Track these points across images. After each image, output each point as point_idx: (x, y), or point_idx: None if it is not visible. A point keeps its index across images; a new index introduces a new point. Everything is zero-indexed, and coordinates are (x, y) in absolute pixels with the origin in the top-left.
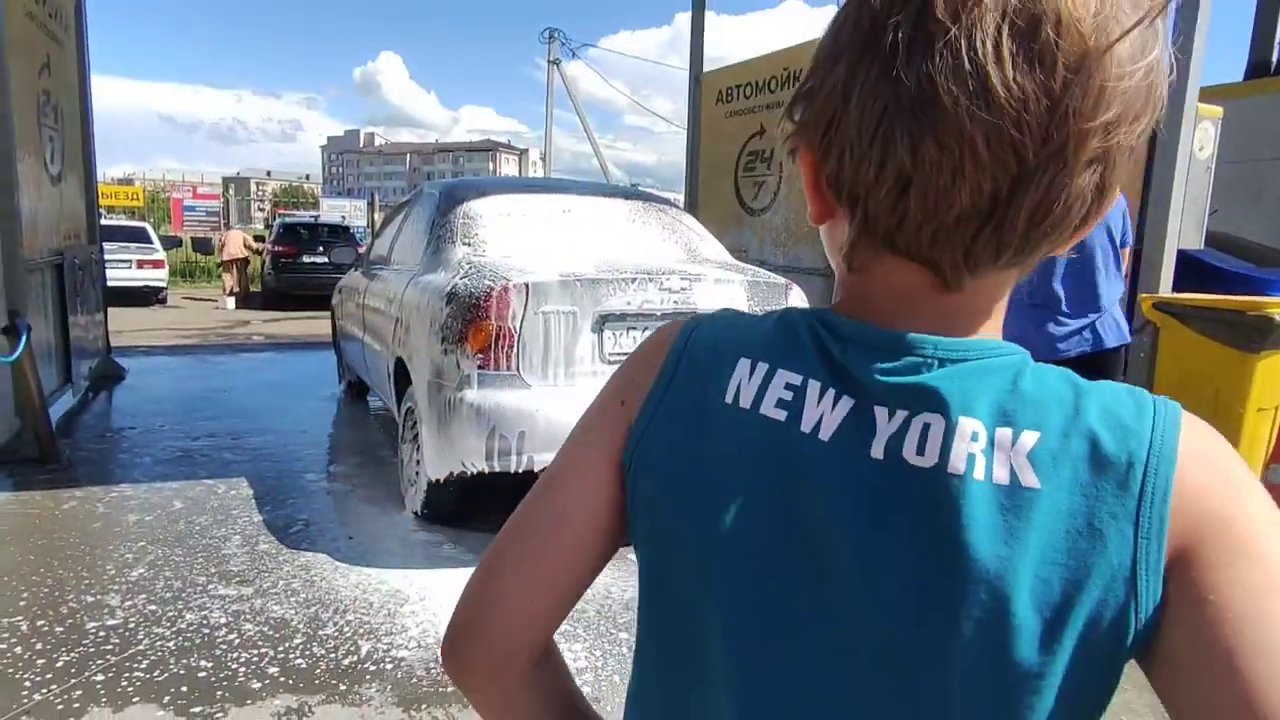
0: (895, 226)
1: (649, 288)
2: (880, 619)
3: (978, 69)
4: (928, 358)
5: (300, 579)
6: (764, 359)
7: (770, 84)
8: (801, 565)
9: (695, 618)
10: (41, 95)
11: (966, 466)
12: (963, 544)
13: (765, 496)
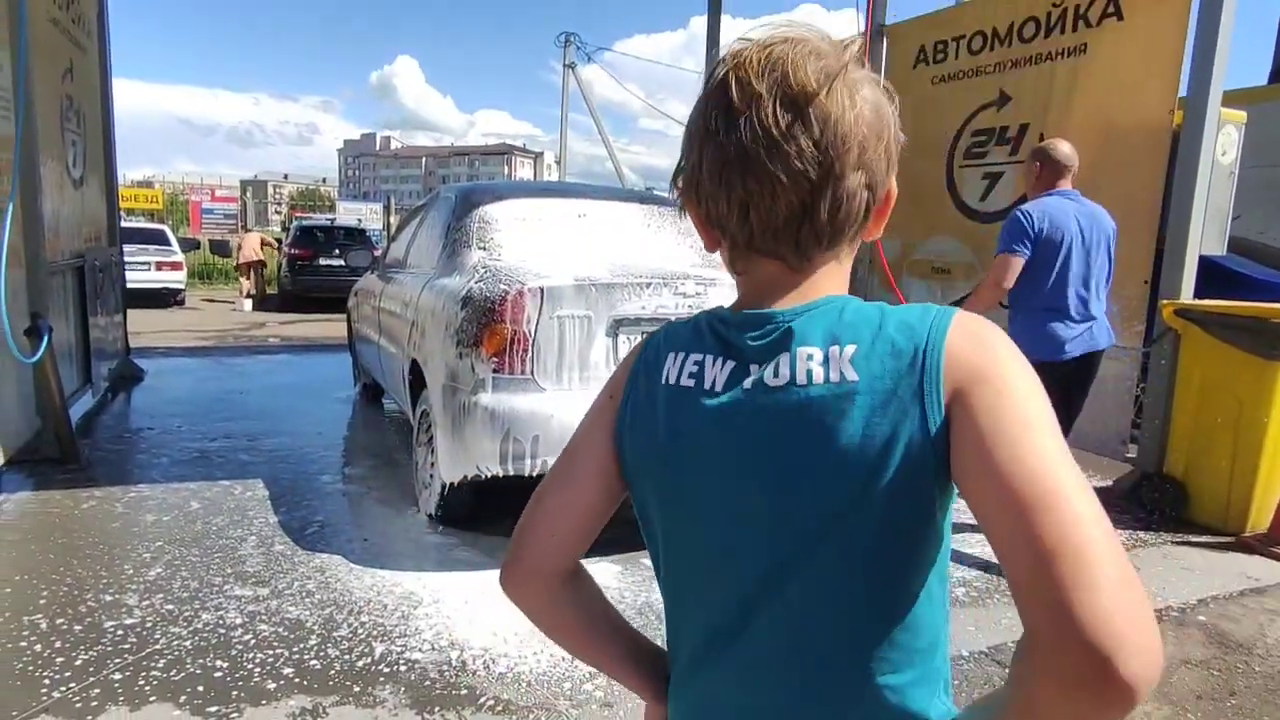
0: (748, 237)
1: (663, 292)
2: (757, 485)
3: (766, 131)
4: (780, 323)
5: (315, 580)
6: (682, 349)
7: None
8: (710, 473)
9: (663, 529)
10: (65, 100)
11: (807, 377)
12: (807, 422)
13: (687, 435)
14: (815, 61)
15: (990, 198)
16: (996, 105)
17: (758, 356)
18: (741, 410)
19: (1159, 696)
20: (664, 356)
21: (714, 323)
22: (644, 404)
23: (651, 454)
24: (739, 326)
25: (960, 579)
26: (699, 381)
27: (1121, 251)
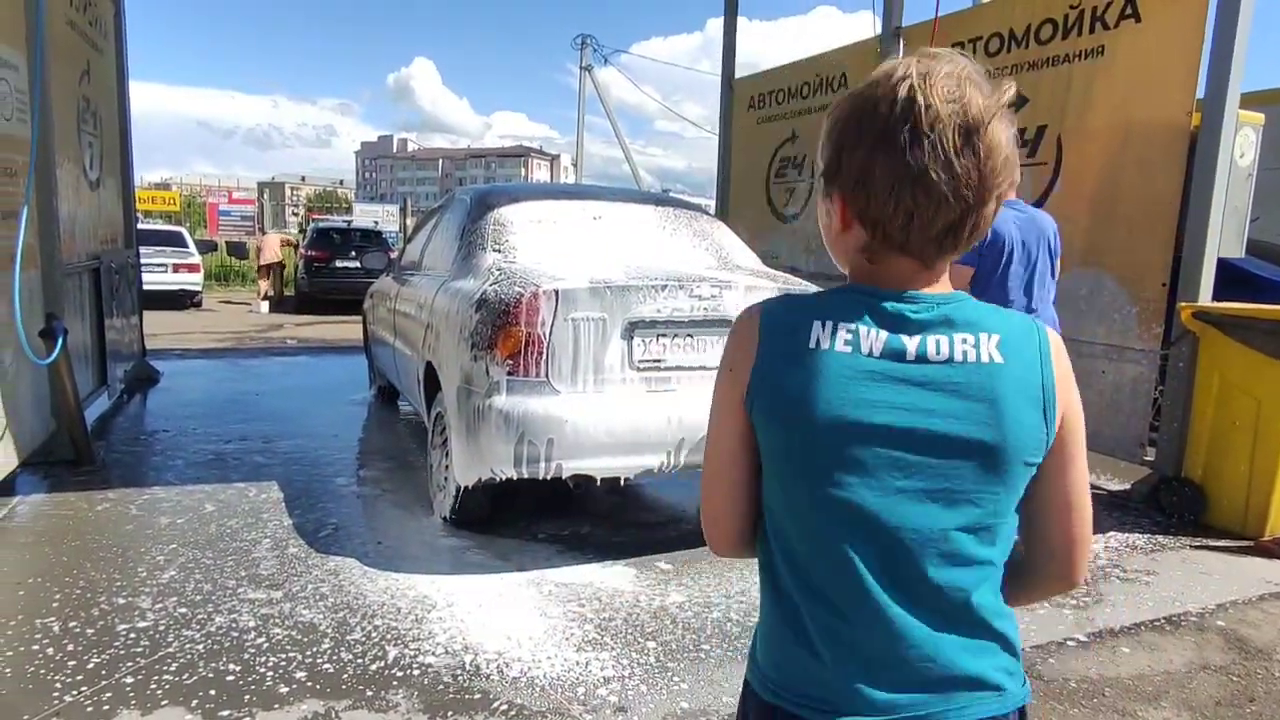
0: (905, 240)
1: (679, 295)
2: (915, 440)
3: (945, 155)
4: (927, 304)
5: (329, 583)
6: (829, 319)
7: (803, 90)
8: (874, 425)
9: (811, 473)
10: (81, 101)
11: (963, 356)
12: (963, 393)
13: (848, 392)
14: (984, 96)
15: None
16: (1014, 108)
17: (918, 331)
18: (907, 376)
19: (1179, 703)
20: (803, 324)
21: (860, 295)
22: (783, 368)
23: (805, 406)
24: (892, 301)
25: None
26: (855, 348)
27: (1139, 254)
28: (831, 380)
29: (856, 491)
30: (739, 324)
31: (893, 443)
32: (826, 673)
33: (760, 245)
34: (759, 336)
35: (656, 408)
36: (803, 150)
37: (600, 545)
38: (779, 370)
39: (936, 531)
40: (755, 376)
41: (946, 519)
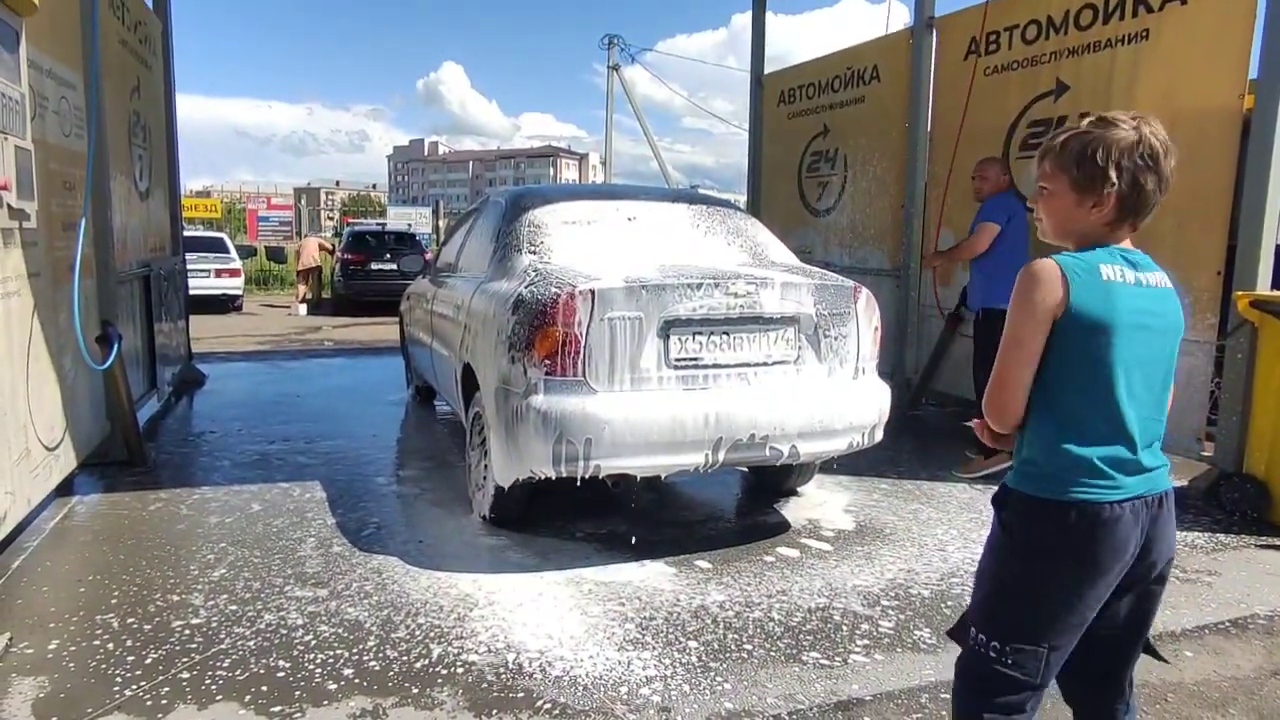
0: (1137, 221)
1: (715, 293)
2: (1161, 341)
3: (1167, 178)
4: (1144, 257)
5: (373, 581)
6: (1108, 262)
7: (834, 84)
8: (1140, 327)
9: (1107, 371)
10: (133, 116)
11: (1161, 281)
12: (1170, 304)
13: (1132, 308)
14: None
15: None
16: (1054, 95)
17: (1145, 269)
18: (1150, 295)
19: (1248, 710)
20: (1095, 268)
21: (1120, 254)
22: (1098, 293)
23: (1108, 314)
24: (1132, 254)
25: None
26: (1124, 279)
27: (1191, 241)
28: (1124, 298)
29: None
30: (1041, 275)
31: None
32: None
33: (793, 240)
34: (1067, 277)
35: (694, 406)
36: (835, 144)
37: (638, 544)
38: (1089, 296)
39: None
40: (1070, 303)
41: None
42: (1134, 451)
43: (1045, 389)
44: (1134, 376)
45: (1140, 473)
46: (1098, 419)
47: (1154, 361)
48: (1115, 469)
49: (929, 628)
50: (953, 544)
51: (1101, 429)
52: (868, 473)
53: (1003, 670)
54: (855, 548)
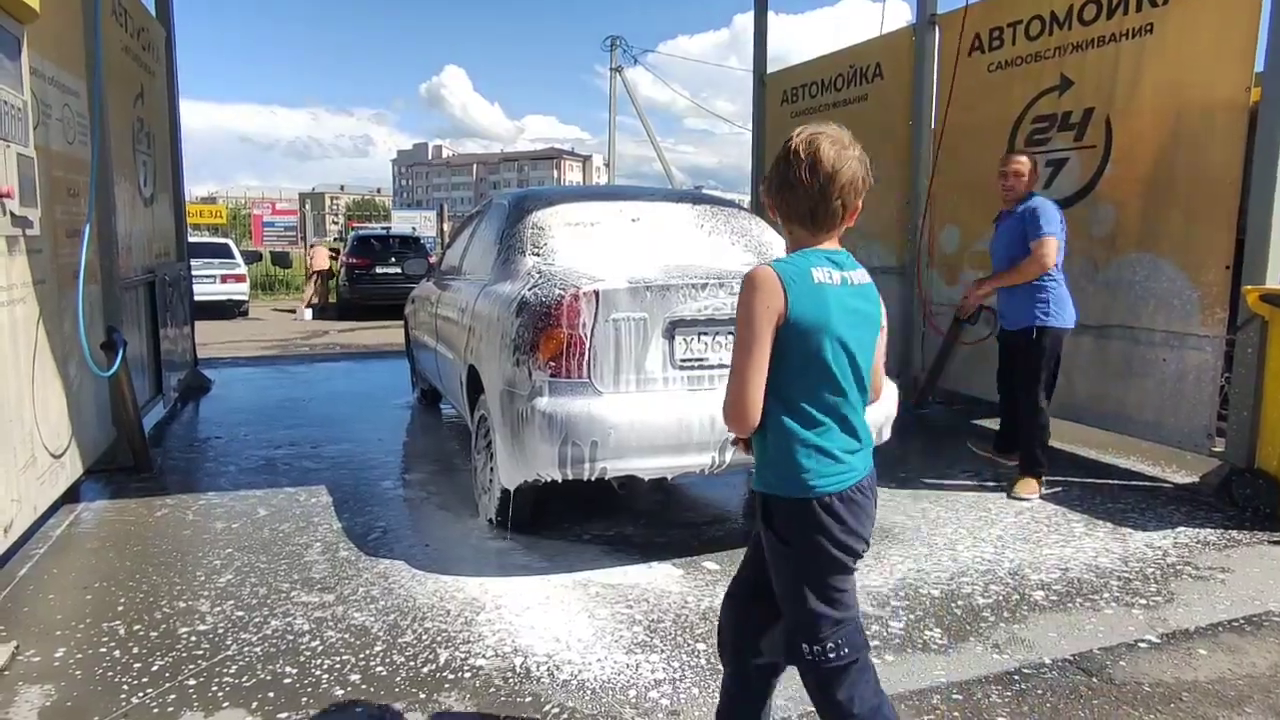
0: (831, 228)
1: (719, 293)
2: (867, 333)
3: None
4: (844, 255)
5: (379, 586)
6: (819, 265)
7: (837, 82)
8: (849, 324)
9: (824, 366)
10: (136, 123)
11: (864, 278)
12: (871, 299)
13: (841, 307)
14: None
15: (1055, 185)
16: (1058, 90)
17: (849, 268)
18: (855, 292)
19: (1265, 709)
20: (807, 271)
21: (825, 256)
22: (808, 294)
23: (822, 315)
24: (836, 255)
25: (1037, 582)
26: (832, 280)
27: (1198, 237)
28: (831, 299)
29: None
30: (760, 282)
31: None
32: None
33: None
34: (784, 283)
35: (700, 407)
36: None
37: (645, 546)
38: (803, 303)
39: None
40: (789, 309)
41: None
42: (860, 436)
43: (776, 390)
44: (847, 370)
45: (860, 452)
46: (827, 412)
47: (863, 352)
48: (848, 455)
49: (939, 628)
50: (962, 543)
51: (831, 421)
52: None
53: (841, 662)
54: None
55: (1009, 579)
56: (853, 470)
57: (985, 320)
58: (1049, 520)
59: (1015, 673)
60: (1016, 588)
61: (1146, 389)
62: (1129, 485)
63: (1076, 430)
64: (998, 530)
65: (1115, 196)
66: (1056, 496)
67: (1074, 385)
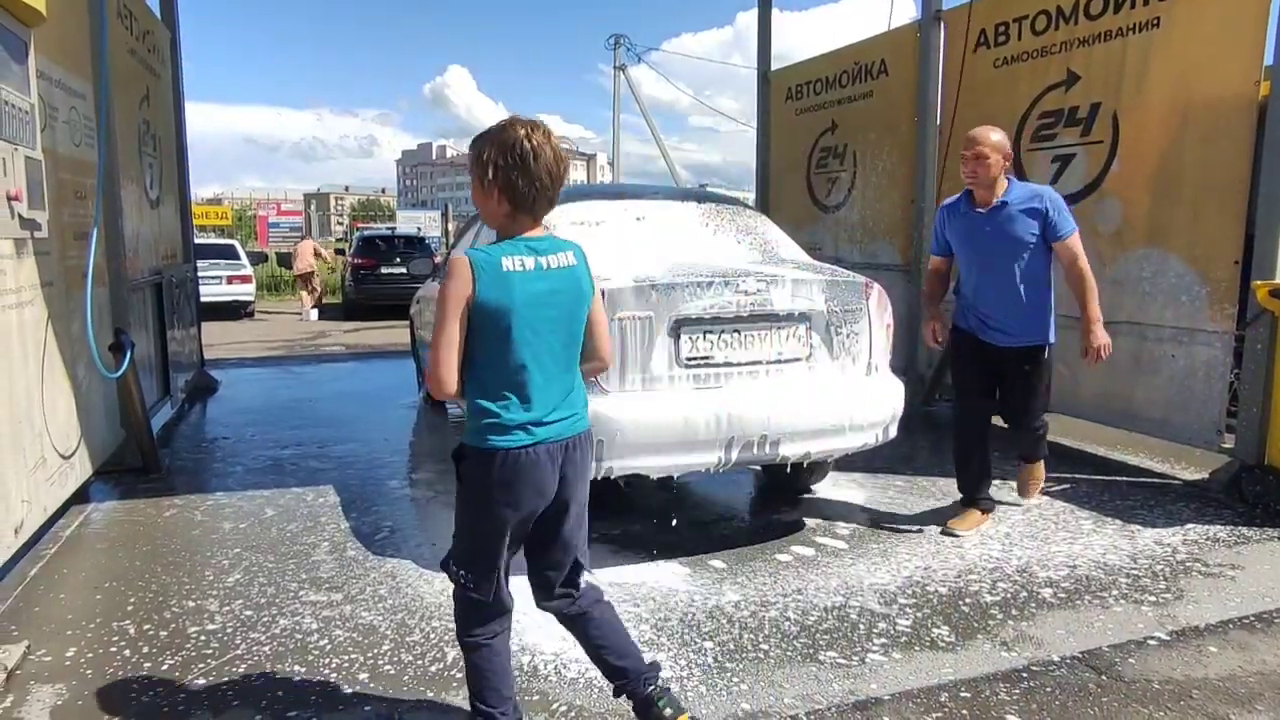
0: (535, 212)
1: (725, 291)
2: (561, 309)
3: (539, 180)
4: (546, 241)
5: (387, 585)
6: (511, 254)
7: (841, 79)
8: (544, 306)
9: (511, 345)
10: (142, 125)
11: (566, 262)
12: (576, 282)
13: (528, 292)
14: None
15: (1062, 181)
16: (1065, 85)
17: (547, 253)
18: (550, 276)
19: (1277, 705)
20: (497, 260)
21: (520, 243)
22: (495, 282)
23: (506, 300)
24: (535, 243)
25: (1045, 579)
26: (523, 268)
27: (1207, 232)
28: (519, 285)
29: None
30: (456, 269)
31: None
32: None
33: (802, 237)
34: (474, 271)
35: (706, 405)
36: (843, 140)
37: (652, 544)
38: (489, 288)
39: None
40: (476, 293)
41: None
42: (543, 408)
43: (471, 363)
44: (538, 347)
45: (550, 423)
46: (511, 385)
47: (556, 332)
48: (529, 423)
49: (947, 625)
50: (969, 540)
51: (515, 392)
52: (883, 470)
53: (472, 595)
54: (871, 545)
55: (1017, 576)
56: (531, 436)
57: None
58: (1057, 518)
59: (1024, 670)
60: (1025, 585)
61: (1155, 385)
62: (1137, 482)
63: (1084, 427)
64: (1005, 528)
65: (1122, 192)
66: (1065, 494)
67: (1081, 382)
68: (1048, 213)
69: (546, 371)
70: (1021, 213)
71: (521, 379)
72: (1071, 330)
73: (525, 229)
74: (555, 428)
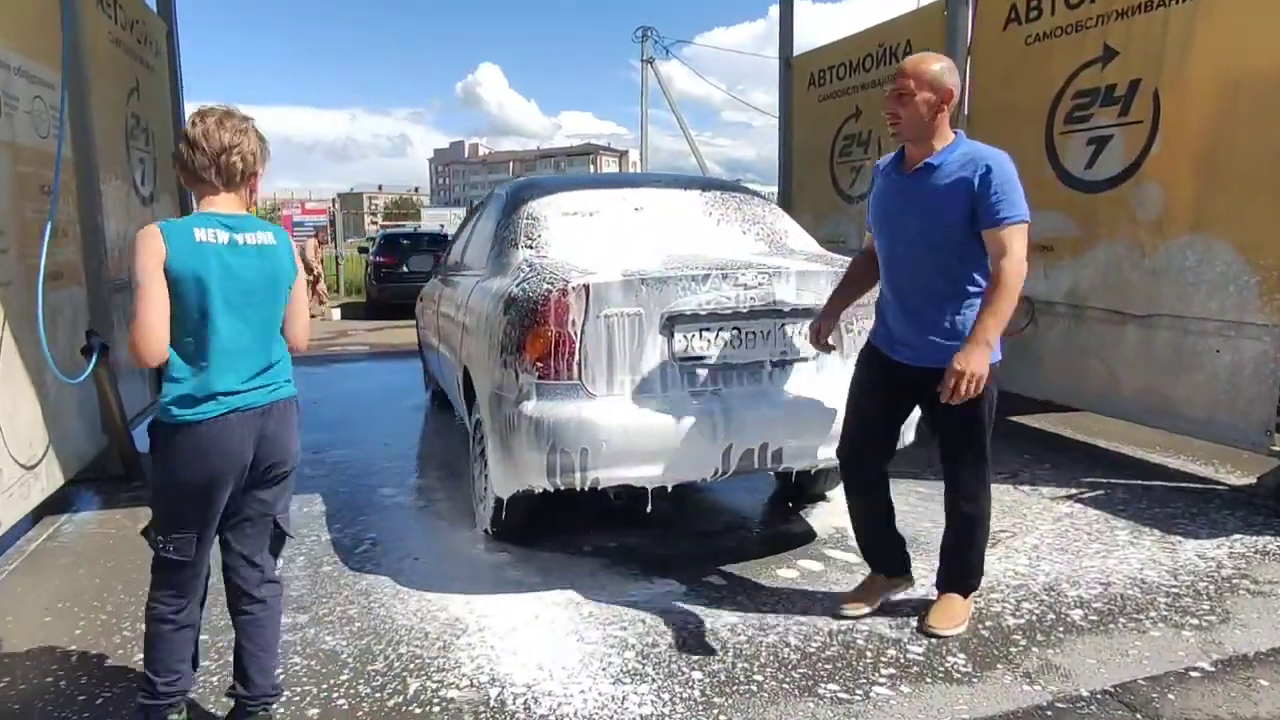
0: (226, 189)
1: (723, 285)
2: (259, 289)
3: (217, 157)
4: (243, 219)
5: (358, 605)
6: (203, 225)
7: (865, 63)
8: (240, 279)
9: (203, 313)
10: (131, 119)
11: (263, 240)
12: (274, 257)
13: (221, 264)
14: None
15: (1097, 164)
16: (1101, 62)
17: (244, 230)
18: (245, 252)
19: None
20: (190, 230)
21: (218, 219)
22: (186, 251)
23: (198, 269)
24: (227, 218)
25: (1075, 599)
26: (217, 240)
27: (1258, 217)
28: (212, 256)
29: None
30: (146, 239)
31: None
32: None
33: (825, 228)
34: (165, 237)
35: (702, 410)
36: (868, 126)
37: (649, 559)
38: (179, 256)
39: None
40: (169, 261)
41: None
42: (235, 379)
43: (171, 332)
44: (233, 319)
45: (242, 392)
46: (202, 354)
47: (253, 305)
48: (220, 393)
49: (964, 653)
50: (992, 554)
51: (205, 362)
52: (902, 475)
53: (168, 556)
54: None
55: (1044, 595)
56: (221, 406)
57: (1024, 311)
58: (1089, 527)
59: (1048, 707)
60: (1052, 606)
61: (1198, 382)
62: (1178, 487)
63: (1121, 427)
64: (1033, 539)
65: (1164, 175)
66: (1099, 500)
67: (1118, 379)
68: (976, 186)
69: (240, 343)
70: (949, 184)
71: (213, 349)
72: (1107, 324)
73: (219, 206)
74: (249, 396)
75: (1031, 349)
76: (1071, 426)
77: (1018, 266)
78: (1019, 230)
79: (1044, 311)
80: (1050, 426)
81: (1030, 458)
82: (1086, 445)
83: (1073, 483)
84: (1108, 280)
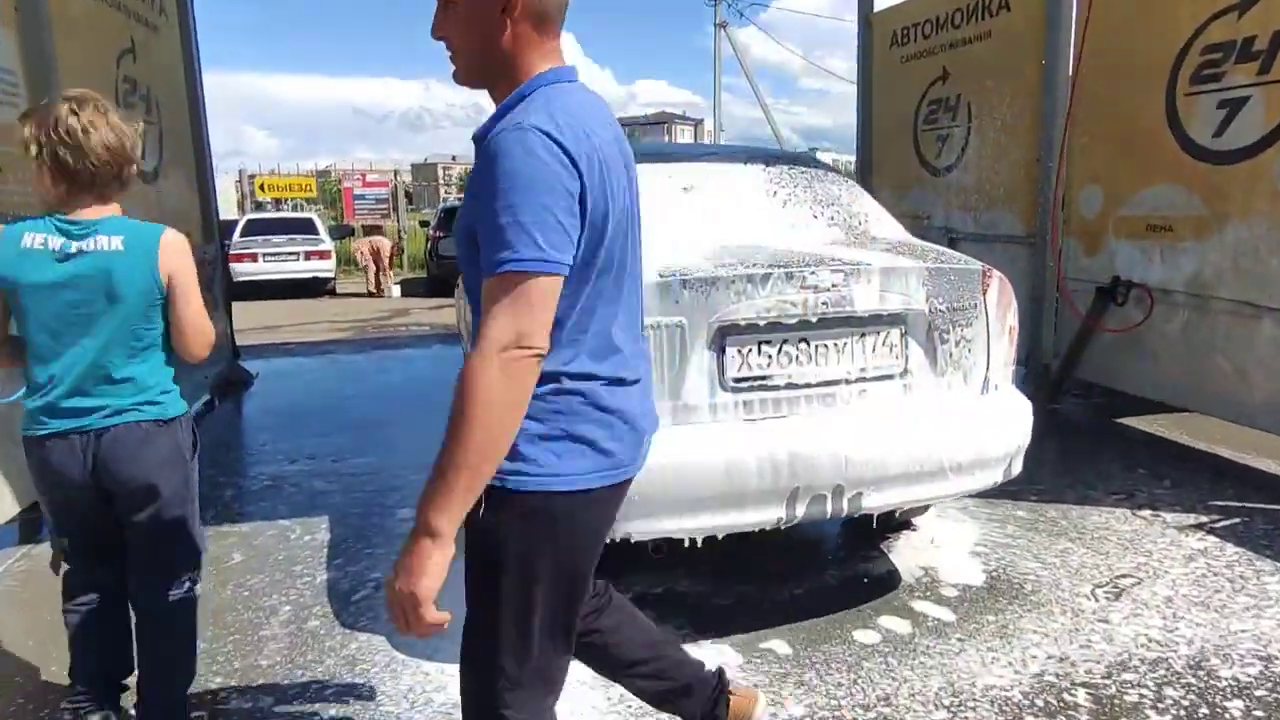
0: (94, 189)
1: (787, 286)
2: (90, 301)
3: (89, 154)
4: (95, 223)
5: (340, 680)
6: (35, 231)
7: (954, 18)
8: (60, 290)
9: (29, 327)
10: (123, 83)
11: (103, 247)
12: (111, 259)
13: (41, 274)
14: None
15: (1229, 132)
16: (1238, 10)
17: (82, 238)
18: (78, 261)
19: None
20: (19, 235)
21: (56, 224)
22: (12, 257)
23: (12, 275)
24: (62, 223)
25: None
26: (46, 246)
27: None
28: (42, 261)
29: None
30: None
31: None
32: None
33: (908, 204)
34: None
35: (761, 442)
36: (956, 90)
37: (701, 611)
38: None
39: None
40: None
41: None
42: (58, 396)
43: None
44: (57, 332)
45: (68, 414)
46: (34, 368)
47: (80, 319)
48: (42, 411)
49: None
50: (1116, 607)
51: (36, 377)
52: (1000, 494)
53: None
54: (986, 617)
55: (1189, 675)
56: (43, 427)
57: (1137, 300)
58: (1230, 570)
59: None
60: (1203, 692)
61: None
62: None
63: (1247, 434)
64: (1164, 587)
65: None
66: (1236, 532)
67: (1250, 381)
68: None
69: (71, 357)
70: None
71: (39, 362)
72: (1238, 317)
73: (85, 206)
74: (80, 420)
75: (1145, 343)
76: (1187, 431)
77: (505, 333)
78: (510, 276)
79: (1161, 301)
80: (1162, 430)
81: (1145, 472)
82: (1208, 455)
83: (1200, 506)
84: (1239, 267)
